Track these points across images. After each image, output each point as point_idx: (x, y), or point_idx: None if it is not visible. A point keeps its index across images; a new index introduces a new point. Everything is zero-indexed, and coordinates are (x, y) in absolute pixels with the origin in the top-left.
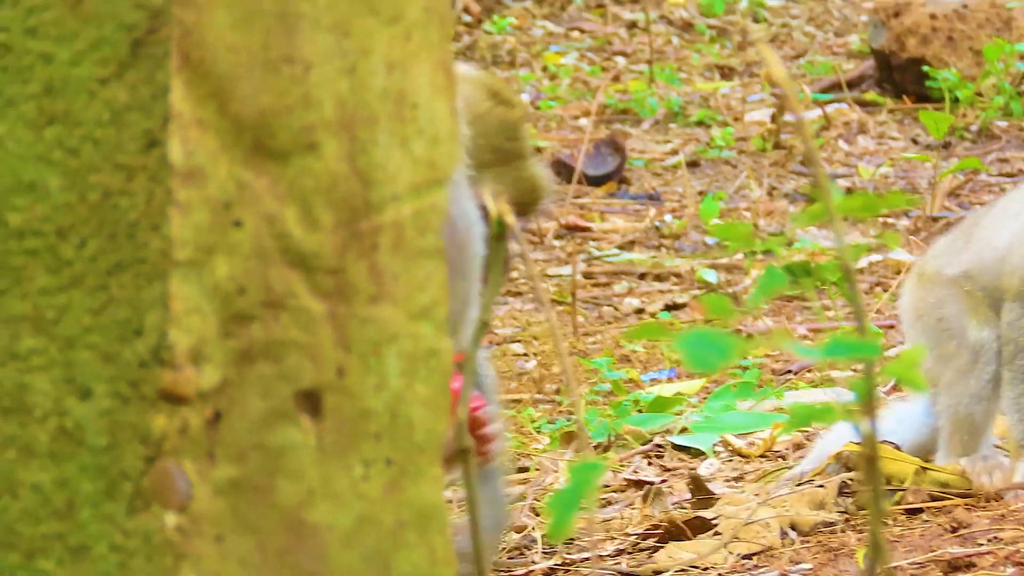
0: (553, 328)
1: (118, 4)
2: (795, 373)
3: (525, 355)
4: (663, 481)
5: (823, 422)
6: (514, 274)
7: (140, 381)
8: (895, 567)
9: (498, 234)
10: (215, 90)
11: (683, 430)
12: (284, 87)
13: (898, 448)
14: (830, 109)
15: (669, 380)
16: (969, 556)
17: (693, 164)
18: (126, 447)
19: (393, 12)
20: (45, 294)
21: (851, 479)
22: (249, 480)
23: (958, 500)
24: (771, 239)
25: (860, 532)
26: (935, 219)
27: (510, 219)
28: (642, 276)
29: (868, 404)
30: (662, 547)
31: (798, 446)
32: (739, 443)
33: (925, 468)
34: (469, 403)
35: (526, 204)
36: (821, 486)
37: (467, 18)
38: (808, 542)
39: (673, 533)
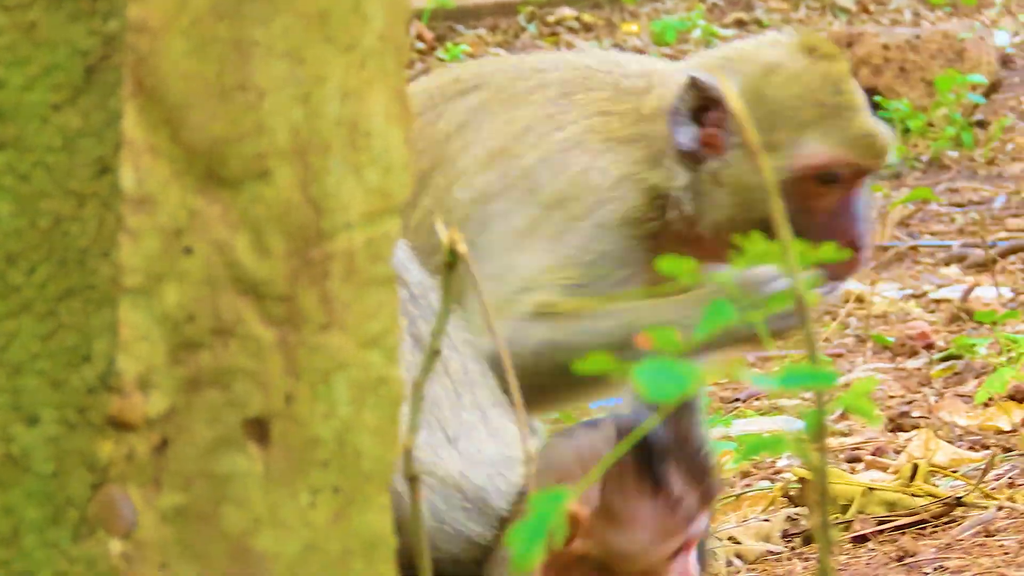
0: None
1: (72, 30)
2: (743, 401)
3: None
4: None
5: (773, 453)
6: None
7: (87, 407)
8: None
9: (450, 263)
10: (168, 117)
11: None
12: (237, 115)
13: None
14: None
15: None
16: None
17: None
18: (72, 473)
19: (348, 40)
20: None
21: (797, 514)
22: (195, 507)
23: (905, 527)
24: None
25: (806, 560)
26: (885, 248)
27: (462, 248)
28: None
29: (819, 433)
30: None
31: (745, 474)
32: None
33: (872, 488)
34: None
35: (867, 161)
36: (767, 520)
37: (420, 45)
38: (754, 570)
39: None
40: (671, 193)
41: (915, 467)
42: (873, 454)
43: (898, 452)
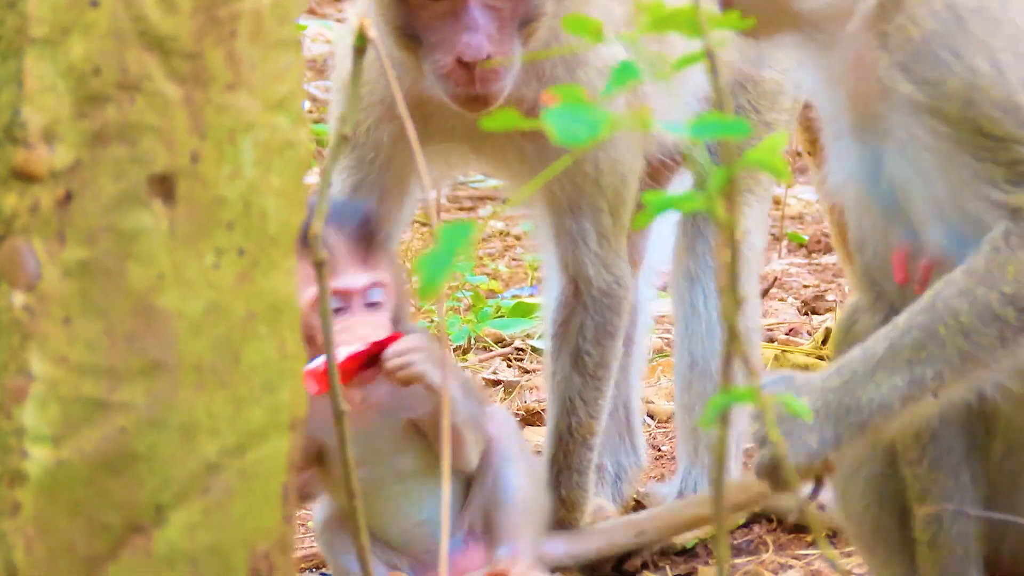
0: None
1: None
2: None
3: None
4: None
5: (682, 209)
6: None
7: None
8: None
9: (358, 47)
10: None
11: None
12: None
13: None
14: None
15: (531, 296)
16: None
17: None
18: None
19: None
20: None
21: None
22: (99, 263)
23: None
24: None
25: None
26: (799, 154)
27: (372, 33)
28: (506, 200)
29: (730, 186)
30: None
31: (659, 350)
32: None
33: (785, 351)
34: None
35: None
36: None
37: None
38: (664, 429)
39: (529, 420)
40: None
41: (827, 332)
42: (787, 334)
43: (811, 333)
